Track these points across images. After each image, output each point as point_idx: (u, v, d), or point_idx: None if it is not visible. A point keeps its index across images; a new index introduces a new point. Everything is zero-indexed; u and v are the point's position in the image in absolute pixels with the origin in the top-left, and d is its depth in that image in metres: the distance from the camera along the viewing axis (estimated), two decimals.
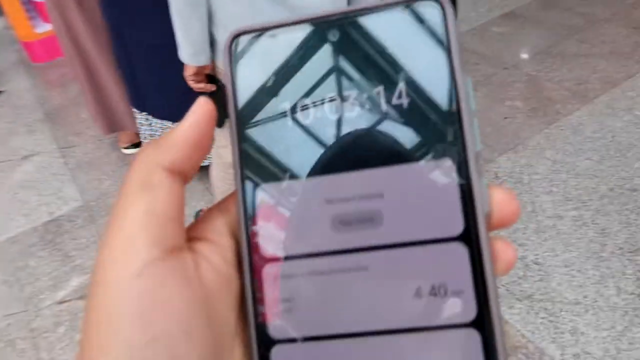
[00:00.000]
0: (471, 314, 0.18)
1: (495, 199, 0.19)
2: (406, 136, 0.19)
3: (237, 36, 0.21)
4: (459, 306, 0.18)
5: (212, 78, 1.22)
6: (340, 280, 0.19)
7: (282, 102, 0.20)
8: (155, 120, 1.80)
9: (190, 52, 1.13)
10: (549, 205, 1.70)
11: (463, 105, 0.19)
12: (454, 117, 0.19)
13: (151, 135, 1.84)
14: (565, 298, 1.44)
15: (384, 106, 0.20)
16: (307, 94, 0.20)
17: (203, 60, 1.15)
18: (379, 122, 0.20)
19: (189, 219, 1.78)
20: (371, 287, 0.19)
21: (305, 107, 0.20)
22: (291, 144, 0.20)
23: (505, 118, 2.09)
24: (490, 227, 0.19)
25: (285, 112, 0.20)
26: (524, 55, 2.51)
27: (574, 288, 1.46)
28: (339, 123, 0.20)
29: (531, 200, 1.73)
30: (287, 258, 0.20)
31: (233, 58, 0.21)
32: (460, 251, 0.18)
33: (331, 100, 0.20)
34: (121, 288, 0.17)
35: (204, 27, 1.09)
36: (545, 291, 1.46)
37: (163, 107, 1.74)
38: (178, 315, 0.17)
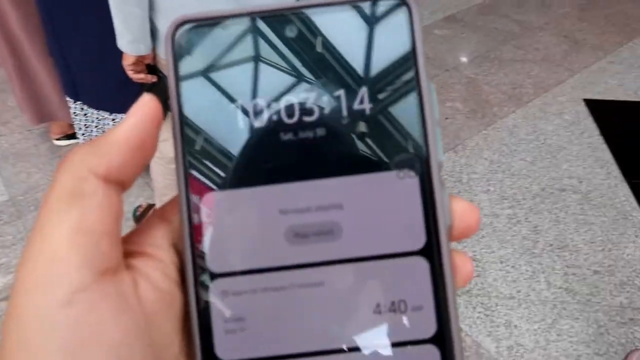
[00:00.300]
0: (431, 329, 0.18)
1: (456, 210, 0.19)
2: (367, 144, 0.18)
3: (180, 25, 0.19)
4: (418, 322, 0.18)
5: (152, 68, 1.17)
6: (295, 296, 0.18)
7: (232, 100, 0.19)
8: (91, 110, 1.70)
9: (129, 40, 1.07)
10: (486, 203, 1.78)
11: (427, 113, 0.18)
12: (417, 125, 0.18)
13: (86, 127, 1.74)
14: (501, 293, 1.50)
15: (344, 111, 0.18)
16: (260, 93, 0.19)
17: (143, 49, 1.09)
18: (338, 127, 0.18)
19: (127, 216, 1.70)
20: (328, 304, 0.18)
21: (257, 108, 0.18)
22: (241, 147, 0.18)
23: (447, 119, 2.16)
24: (450, 239, 0.18)
25: (235, 112, 0.18)
26: (464, 59, 2.60)
27: (509, 283, 1.53)
28: (295, 127, 0.18)
29: (470, 199, 1.79)
30: (236, 273, 0.18)
31: (175, 49, 0.19)
32: (422, 266, 0.18)
33: (287, 102, 0.18)
34: (46, 319, 0.15)
35: (144, 14, 1.04)
36: (482, 286, 1.52)
37: (99, 97, 1.65)
38: (114, 347, 0.15)
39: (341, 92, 0.18)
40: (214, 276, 0.18)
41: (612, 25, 2.72)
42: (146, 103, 0.18)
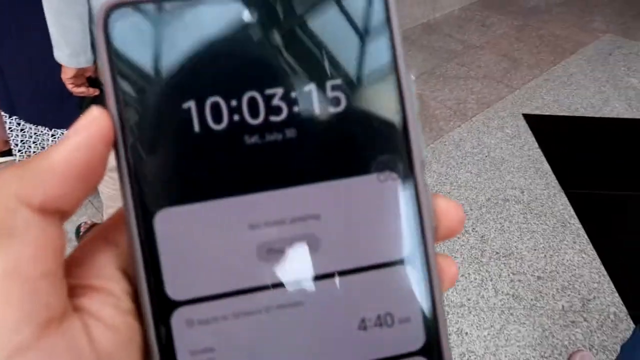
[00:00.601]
0: (419, 341, 0.16)
1: (440, 209, 0.17)
2: (343, 144, 0.16)
3: (113, 9, 0.16)
4: (406, 334, 0.16)
5: (95, 81, 1.13)
6: (272, 319, 0.16)
7: (184, 98, 0.16)
8: (29, 125, 1.62)
9: (68, 52, 1.03)
10: None
11: (408, 107, 0.17)
12: (398, 120, 0.17)
13: (23, 142, 1.65)
14: (452, 301, 1.53)
15: (316, 107, 0.16)
16: (217, 89, 0.16)
17: (83, 61, 1.06)
18: (310, 126, 0.16)
19: (69, 236, 1.62)
20: (309, 324, 0.16)
21: (215, 106, 0.16)
22: (198, 153, 0.16)
23: None
24: (435, 241, 0.17)
25: (188, 112, 0.16)
26: (411, 76, 2.68)
27: (459, 292, 1.56)
28: (261, 127, 0.16)
29: None
30: (202, 299, 0.16)
31: (110, 39, 0.16)
32: (407, 275, 0.16)
33: (250, 99, 0.16)
34: None
35: (84, 26, 1.01)
36: None
37: (37, 111, 1.57)
38: None
39: (312, 86, 0.16)
40: (175, 305, 0.16)
41: (545, 46, 2.89)
42: (95, 119, 0.15)
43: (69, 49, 1.03)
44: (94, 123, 0.15)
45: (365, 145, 0.16)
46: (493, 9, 3.28)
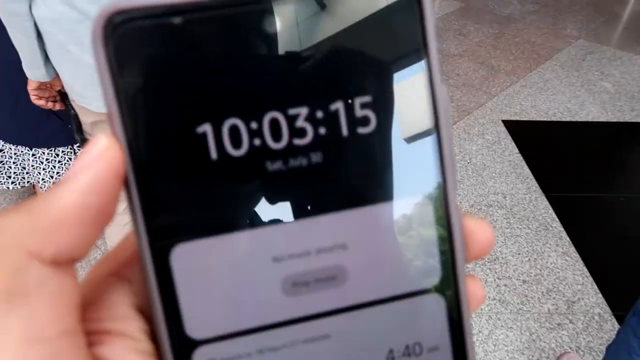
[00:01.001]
0: None
1: (469, 230, 0.16)
2: (371, 169, 0.15)
3: (115, 16, 0.13)
4: None
5: (64, 95, 1.11)
6: (298, 354, 0.15)
7: (198, 121, 0.14)
8: (9, 145, 1.59)
9: (25, 64, 1.03)
10: None
11: (443, 123, 0.15)
12: (430, 139, 0.15)
13: (2, 163, 1.62)
14: None
15: (344, 128, 0.15)
16: (235, 110, 0.14)
17: (39, 75, 1.04)
18: (337, 150, 0.15)
19: None
20: (336, 357, 0.15)
21: (233, 130, 0.14)
22: (217, 183, 0.14)
23: None
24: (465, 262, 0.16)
25: (204, 136, 0.14)
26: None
27: None
28: (284, 152, 0.14)
29: None
30: (225, 337, 0.15)
31: (113, 53, 0.13)
32: (437, 303, 0.16)
33: (272, 121, 0.14)
34: None
35: (32, 43, 0.99)
36: None
37: (16, 131, 1.54)
38: None
39: (339, 104, 0.15)
40: (196, 344, 0.15)
41: (521, 53, 2.95)
42: (105, 151, 0.13)
43: (25, 62, 1.02)
44: (103, 156, 0.13)
45: (395, 169, 0.15)
46: (469, 18, 3.35)
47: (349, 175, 0.15)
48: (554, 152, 2.19)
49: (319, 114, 0.14)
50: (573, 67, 2.81)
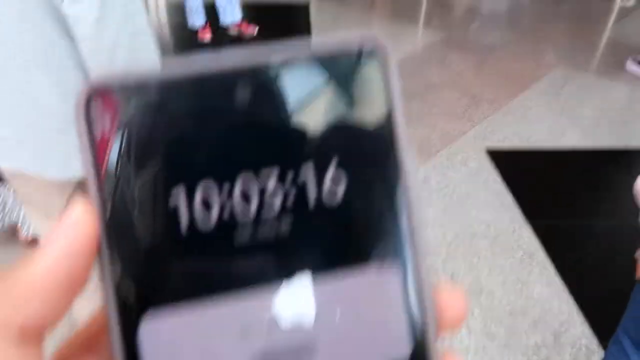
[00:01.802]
0: None
1: (441, 303, 0.16)
2: (342, 237, 0.15)
3: (94, 94, 0.14)
4: None
5: None
6: None
7: (169, 192, 0.14)
8: None
9: None
10: None
11: (412, 193, 0.15)
12: (400, 209, 0.15)
13: None
14: None
15: (312, 197, 0.15)
16: (208, 184, 0.15)
17: None
18: (308, 219, 0.15)
19: None
20: None
21: (205, 203, 0.15)
22: (187, 254, 0.15)
23: None
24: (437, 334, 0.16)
25: (175, 207, 0.14)
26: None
27: None
28: (254, 221, 0.15)
29: None
30: None
31: (92, 126, 0.14)
32: None
33: (241, 192, 0.15)
34: None
35: None
36: None
37: None
38: None
39: (306, 176, 0.15)
40: None
41: (503, 80, 3.00)
42: (80, 220, 0.13)
43: None
44: (78, 225, 0.13)
45: (364, 238, 0.15)
46: (451, 48, 3.41)
47: (319, 244, 0.15)
48: (537, 180, 2.20)
49: (285, 184, 0.15)
50: (552, 94, 2.85)
